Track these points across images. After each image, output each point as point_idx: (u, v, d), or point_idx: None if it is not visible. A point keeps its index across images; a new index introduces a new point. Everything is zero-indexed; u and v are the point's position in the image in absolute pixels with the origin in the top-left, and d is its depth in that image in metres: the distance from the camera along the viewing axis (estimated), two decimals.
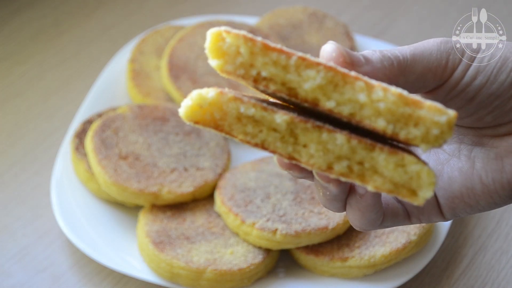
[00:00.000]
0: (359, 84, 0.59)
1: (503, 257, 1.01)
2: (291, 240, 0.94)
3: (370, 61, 0.66)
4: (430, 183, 0.59)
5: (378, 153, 0.60)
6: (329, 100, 0.60)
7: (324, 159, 0.60)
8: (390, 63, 0.67)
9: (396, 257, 0.94)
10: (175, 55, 1.17)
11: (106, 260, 0.96)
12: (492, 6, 1.38)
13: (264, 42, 0.60)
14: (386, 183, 0.60)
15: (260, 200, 0.98)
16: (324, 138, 0.60)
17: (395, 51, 0.68)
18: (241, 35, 0.60)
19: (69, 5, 1.41)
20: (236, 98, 0.61)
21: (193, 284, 0.93)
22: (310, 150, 0.61)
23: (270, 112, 0.60)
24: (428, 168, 0.59)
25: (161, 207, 1.00)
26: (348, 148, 0.60)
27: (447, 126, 0.58)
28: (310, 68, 0.59)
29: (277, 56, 0.60)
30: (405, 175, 0.60)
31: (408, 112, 0.59)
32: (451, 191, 0.70)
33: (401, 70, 0.68)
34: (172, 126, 1.08)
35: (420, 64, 0.68)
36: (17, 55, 1.31)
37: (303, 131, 0.60)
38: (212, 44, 0.61)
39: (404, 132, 0.59)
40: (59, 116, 1.20)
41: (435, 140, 0.59)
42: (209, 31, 0.61)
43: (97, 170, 1.01)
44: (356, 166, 0.61)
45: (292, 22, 1.26)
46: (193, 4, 1.43)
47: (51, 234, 1.03)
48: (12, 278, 0.98)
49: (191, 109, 0.61)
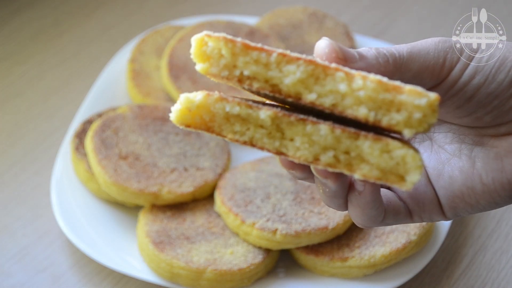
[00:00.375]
0: (339, 74, 0.60)
1: (503, 257, 1.01)
2: (291, 240, 0.94)
3: (364, 58, 0.66)
4: (416, 166, 0.59)
5: (362, 141, 0.60)
6: (311, 92, 0.60)
7: (310, 151, 0.61)
8: (385, 60, 0.67)
9: (396, 257, 0.94)
10: (175, 55, 1.17)
11: (106, 260, 0.96)
12: (492, 6, 1.38)
13: (244, 42, 0.61)
14: (373, 170, 0.60)
15: (260, 200, 0.98)
16: (309, 130, 0.61)
17: (391, 49, 0.68)
18: (221, 37, 0.61)
19: (69, 5, 1.41)
20: (222, 99, 0.62)
21: (193, 284, 0.93)
22: (296, 143, 0.61)
23: (255, 109, 0.61)
24: (413, 152, 0.59)
25: (161, 207, 1.00)
26: (333, 138, 0.60)
27: (430, 109, 0.58)
28: (290, 64, 0.60)
29: (258, 54, 0.61)
30: (391, 161, 0.60)
31: (388, 98, 0.59)
32: (452, 190, 0.71)
33: (396, 68, 0.67)
34: (172, 126, 1.08)
35: (416, 62, 0.68)
36: (17, 55, 1.31)
37: (288, 125, 0.61)
38: (197, 50, 0.62)
39: (387, 118, 0.59)
40: (59, 116, 1.20)
41: (419, 124, 0.59)
42: (193, 38, 0.62)
43: (97, 170, 1.01)
44: (342, 155, 0.61)
45: (292, 22, 1.26)
46: (193, 4, 1.43)
47: (51, 234, 1.03)
48: (12, 278, 0.98)
49: (181, 113, 0.62)
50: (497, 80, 0.68)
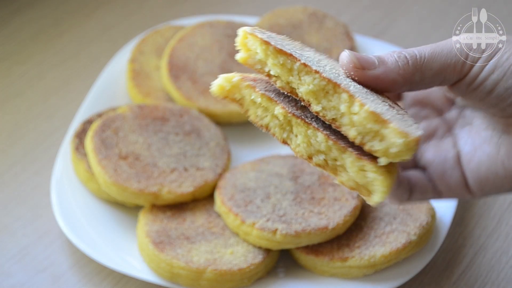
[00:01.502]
0: (344, 95, 0.70)
1: (503, 257, 1.01)
2: (291, 240, 0.94)
3: (384, 63, 0.74)
4: (382, 191, 0.69)
5: (347, 156, 0.71)
6: (318, 104, 0.71)
7: (306, 150, 0.73)
8: (405, 63, 0.74)
9: (396, 257, 0.94)
10: (175, 55, 1.17)
11: (106, 260, 0.96)
12: (492, 6, 1.38)
13: (276, 47, 0.71)
14: (349, 181, 0.71)
15: (260, 200, 0.98)
16: (309, 133, 0.72)
17: (413, 50, 0.75)
18: (259, 38, 0.72)
19: (69, 5, 1.41)
20: (250, 86, 0.74)
21: (193, 284, 0.93)
22: (298, 140, 0.73)
23: (273, 103, 0.73)
24: (383, 179, 0.69)
25: (161, 207, 1.00)
26: (325, 146, 0.72)
27: (406, 147, 0.67)
28: (308, 75, 0.71)
29: (284, 59, 0.72)
30: (364, 179, 0.70)
31: (375, 128, 0.69)
32: (479, 174, 0.79)
33: (416, 68, 0.74)
34: (172, 126, 1.08)
35: (438, 61, 0.75)
36: (17, 55, 1.31)
37: (295, 123, 0.73)
38: (241, 40, 0.73)
39: (370, 144, 0.69)
40: (59, 116, 1.20)
41: (394, 157, 0.68)
42: (241, 28, 0.73)
43: (97, 170, 1.01)
44: (330, 161, 0.72)
45: (292, 22, 1.26)
46: (193, 4, 1.43)
47: (51, 234, 1.03)
48: (12, 278, 0.98)
49: (219, 87, 0.75)
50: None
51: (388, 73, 0.74)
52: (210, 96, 1.13)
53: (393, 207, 0.99)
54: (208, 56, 1.18)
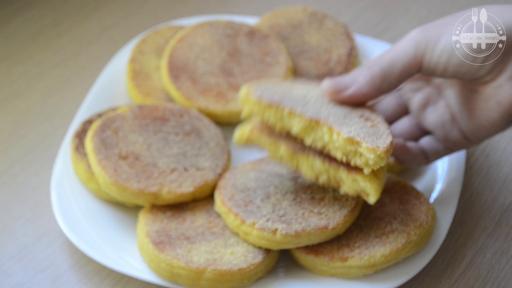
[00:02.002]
0: (324, 129, 0.89)
1: (503, 257, 1.01)
2: (291, 240, 0.94)
3: (355, 81, 0.91)
4: (374, 193, 0.90)
5: (341, 172, 0.91)
6: (308, 138, 0.91)
7: (312, 173, 0.94)
8: (371, 76, 0.90)
9: (396, 257, 0.94)
10: (175, 55, 1.17)
11: (106, 260, 0.96)
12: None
13: (267, 103, 0.91)
14: (350, 189, 0.92)
15: (260, 200, 0.98)
16: (310, 161, 0.93)
17: (375, 62, 0.90)
18: (254, 98, 0.92)
19: (69, 5, 1.41)
20: (259, 134, 0.95)
21: (193, 284, 0.93)
22: (303, 168, 0.94)
23: (278, 144, 0.94)
24: (371, 184, 0.89)
25: (161, 207, 1.01)
26: (324, 168, 0.92)
27: (378, 159, 0.87)
28: (295, 118, 0.90)
29: (275, 110, 0.91)
30: (358, 187, 0.91)
31: (353, 149, 0.88)
32: (472, 126, 0.93)
33: (382, 77, 0.89)
34: (172, 126, 1.08)
35: (398, 63, 0.89)
36: (17, 55, 1.31)
37: (298, 156, 0.93)
38: (242, 99, 0.95)
39: (353, 160, 0.89)
40: (59, 116, 1.20)
41: (373, 165, 0.87)
42: (241, 89, 0.95)
43: (97, 170, 1.01)
44: (332, 178, 0.92)
45: (292, 22, 1.26)
46: (193, 4, 1.43)
47: (51, 234, 1.03)
48: (12, 278, 0.98)
49: (238, 140, 0.98)
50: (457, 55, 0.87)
51: (360, 90, 0.90)
52: (210, 96, 1.14)
53: (393, 207, 0.99)
54: (208, 56, 1.18)
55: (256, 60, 1.18)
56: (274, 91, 0.92)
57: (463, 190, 1.08)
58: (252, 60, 1.18)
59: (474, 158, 1.14)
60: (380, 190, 0.90)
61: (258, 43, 1.20)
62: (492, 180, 1.10)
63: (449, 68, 0.87)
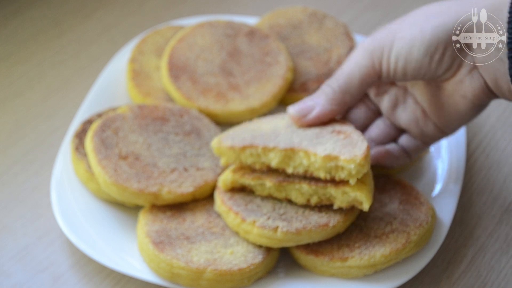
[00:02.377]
0: (300, 154, 0.92)
1: (503, 257, 1.01)
2: (292, 238, 0.94)
3: (317, 103, 0.94)
4: (366, 200, 0.92)
5: (329, 189, 0.93)
6: (288, 167, 0.94)
7: (302, 198, 0.95)
8: (332, 96, 0.93)
9: (396, 257, 0.94)
10: (175, 55, 1.17)
11: (106, 260, 0.96)
12: None
13: (240, 146, 0.94)
14: (343, 203, 0.93)
15: (260, 199, 0.98)
16: (297, 187, 0.95)
17: (334, 79, 0.94)
18: (226, 146, 0.95)
19: (69, 5, 1.41)
20: (241, 176, 0.97)
21: (193, 284, 0.93)
22: (293, 195, 0.96)
23: (263, 179, 0.96)
24: (360, 193, 0.91)
25: (161, 207, 1.01)
26: (312, 190, 0.94)
27: (359, 166, 0.89)
28: (271, 152, 0.93)
29: (250, 150, 0.94)
30: (349, 198, 0.93)
31: (333, 165, 0.91)
32: (444, 119, 0.95)
33: (343, 92, 0.93)
34: (172, 126, 1.08)
35: (355, 75, 0.92)
36: (17, 55, 1.31)
37: (285, 186, 0.95)
38: (215, 151, 0.98)
39: (337, 176, 0.91)
40: (59, 116, 1.20)
41: (356, 175, 0.90)
42: (212, 142, 0.99)
43: (97, 170, 1.01)
44: (323, 197, 0.94)
45: (292, 22, 1.26)
46: (193, 4, 1.43)
47: (51, 234, 1.03)
48: (12, 278, 0.98)
49: (223, 186, 0.99)
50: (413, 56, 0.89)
51: (323, 109, 0.94)
52: (210, 96, 1.14)
53: (393, 207, 0.99)
54: (208, 56, 1.18)
55: (256, 60, 1.18)
56: (244, 135, 0.96)
57: (463, 190, 1.08)
58: (252, 60, 1.18)
59: (474, 158, 1.14)
60: (371, 195, 0.92)
61: (258, 43, 1.20)
62: (492, 180, 1.10)
63: (408, 72, 0.89)
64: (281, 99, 1.17)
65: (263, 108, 1.14)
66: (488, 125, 1.19)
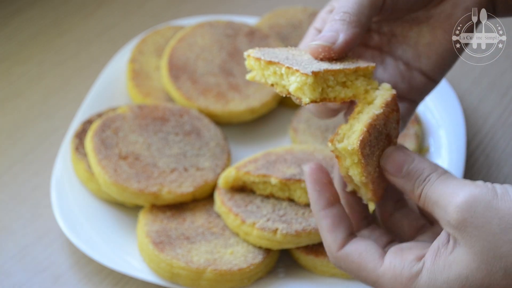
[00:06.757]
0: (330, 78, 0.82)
1: None
2: (291, 240, 0.94)
3: (339, 30, 0.84)
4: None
5: None
6: (306, 97, 0.81)
7: (307, 197, 0.94)
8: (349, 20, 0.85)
9: None
10: (175, 55, 1.17)
11: (106, 260, 0.96)
12: None
13: (266, 60, 0.83)
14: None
15: (260, 200, 0.98)
16: (303, 185, 0.95)
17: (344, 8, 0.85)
18: (253, 56, 0.84)
19: (69, 5, 1.41)
20: (246, 173, 0.97)
21: (193, 284, 0.93)
22: (297, 195, 0.97)
23: (268, 177, 0.96)
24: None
25: (161, 207, 1.01)
26: None
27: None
28: (293, 75, 0.81)
29: (274, 68, 0.83)
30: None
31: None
32: (433, 61, 0.90)
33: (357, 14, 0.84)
34: (172, 126, 1.08)
35: None
36: (17, 55, 1.31)
37: (291, 184, 0.95)
38: (247, 63, 0.85)
39: None
40: (59, 116, 1.20)
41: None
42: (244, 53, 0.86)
43: (97, 170, 1.01)
44: None
45: (292, 22, 1.26)
46: (193, 4, 1.43)
47: (51, 234, 1.03)
48: (12, 278, 0.98)
49: (223, 183, 0.99)
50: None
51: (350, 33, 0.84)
52: (210, 96, 1.14)
53: None
54: (208, 56, 1.18)
55: None
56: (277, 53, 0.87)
57: None
58: None
59: (474, 158, 1.14)
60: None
61: (258, 43, 1.20)
62: (492, 180, 1.10)
63: None
64: (281, 99, 1.17)
65: (263, 108, 1.14)
66: (488, 125, 1.19)
